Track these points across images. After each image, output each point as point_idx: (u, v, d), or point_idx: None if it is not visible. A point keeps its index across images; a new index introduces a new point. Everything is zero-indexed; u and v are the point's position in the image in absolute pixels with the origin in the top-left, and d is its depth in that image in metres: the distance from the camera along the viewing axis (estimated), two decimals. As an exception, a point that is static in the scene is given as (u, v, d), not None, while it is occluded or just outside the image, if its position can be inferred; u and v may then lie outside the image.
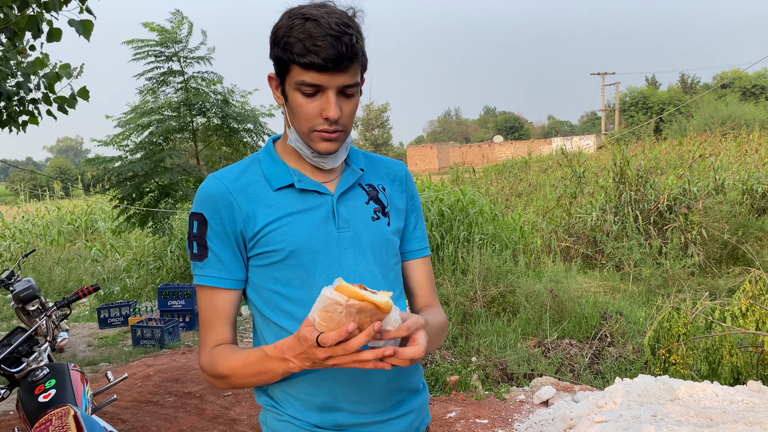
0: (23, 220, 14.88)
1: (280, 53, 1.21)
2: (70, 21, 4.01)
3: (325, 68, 1.17)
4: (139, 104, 8.13)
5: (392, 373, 1.32)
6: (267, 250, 1.29)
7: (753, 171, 10.39)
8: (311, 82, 1.19)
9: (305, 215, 1.30)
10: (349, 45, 1.17)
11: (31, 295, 4.33)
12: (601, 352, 5.39)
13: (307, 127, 1.24)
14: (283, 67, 1.23)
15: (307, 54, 1.16)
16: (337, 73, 1.19)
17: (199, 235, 1.30)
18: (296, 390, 1.31)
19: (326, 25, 1.16)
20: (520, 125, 67.82)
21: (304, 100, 1.22)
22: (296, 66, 1.19)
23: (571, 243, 8.91)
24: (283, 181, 1.32)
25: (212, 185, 1.30)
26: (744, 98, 40.00)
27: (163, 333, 6.38)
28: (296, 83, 1.21)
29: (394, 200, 1.43)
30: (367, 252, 1.35)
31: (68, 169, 50.80)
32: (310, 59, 1.16)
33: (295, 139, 1.30)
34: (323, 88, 1.20)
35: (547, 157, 23.77)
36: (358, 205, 1.37)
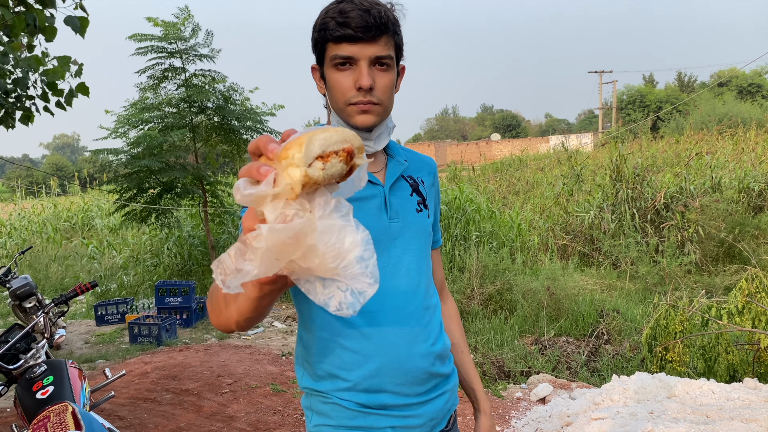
0: (19, 217, 14.84)
1: (317, 36, 1.26)
2: (66, 18, 4.00)
3: (356, 38, 1.22)
4: (139, 100, 8.10)
5: (430, 358, 1.37)
6: None
7: (749, 169, 10.42)
8: (343, 54, 1.23)
9: (362, 204, 1.32)
10: (377, 16, 1.21)
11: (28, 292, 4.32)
12: (598, 349, 5.40)
13: (342, 101, 1.27)
14: (320, 51, 1.28)
15: (338, 28, 1.21)
16: (368, 43, 1.23)
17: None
18: (345, 372, 1.32)
19: (357, 2, 1.22)
20: (517, 123, 67.85)
21: (339, 74, 1.25)
22: (330, 43, 1.24)
23: (568, 241, 8.92)
24: None
25: None
26: (740, 97, 40.09)
27: (161, 330, 6.38)
28: (331, 59, 1.25)
29: (430, 194, 1.48)
30: (413, 243, 1.39)
31: (65, 166, 50.67)
32: (342, 31, 1.21)
33: (336, 122, 1.33)
34: (355, 60, 1.24)
35: (544, 155, 23.78)
36: (404, 197, 1.40)
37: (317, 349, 1.34)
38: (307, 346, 1.36)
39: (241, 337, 6.54)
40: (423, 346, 1.36)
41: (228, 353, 5.84)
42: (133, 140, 7.80)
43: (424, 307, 1.39)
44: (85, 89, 4.68)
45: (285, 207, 0.71)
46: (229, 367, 5.37)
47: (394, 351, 1.32)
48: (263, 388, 4.83)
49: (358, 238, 0.75)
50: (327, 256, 0.73)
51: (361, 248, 0.75)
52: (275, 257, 0.71)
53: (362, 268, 0.75)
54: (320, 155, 0.72)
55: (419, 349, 1.35)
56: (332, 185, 0.77)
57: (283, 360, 5.61)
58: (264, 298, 0.90)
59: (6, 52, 4.00)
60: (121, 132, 7.83)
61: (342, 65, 1.25)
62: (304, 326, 1.37)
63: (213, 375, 5.15)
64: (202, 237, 9.60)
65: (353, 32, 1.21)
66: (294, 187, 0.70)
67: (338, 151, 0.74)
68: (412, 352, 1.33)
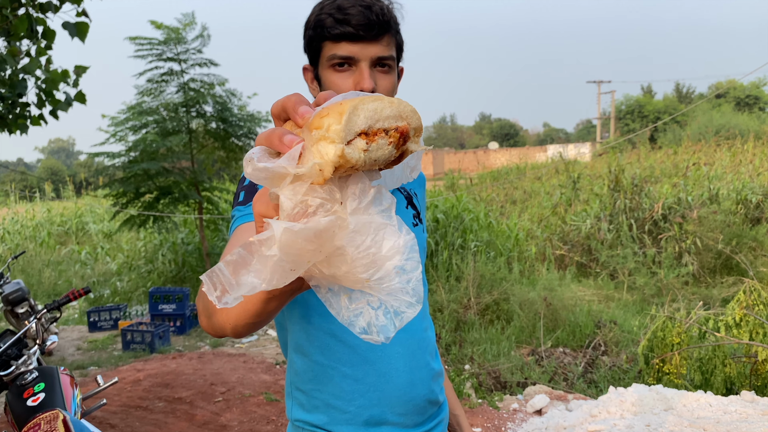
0: (13, 222, 14.76)
1: (311, 33, 1.17)
2: (64, 24, 3.98)
3: (357, 37, 1.13)
4: (136, 104, 8.07)
5: (430, 384, 1.29)
6: None
7: (747, 181, 10.43)
8: (342, 54, 1.14)
9: None
10: (380, 14, 1.13)
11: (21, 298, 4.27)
12: (595, 360, 5.37)
13: None
14: (315, 49, 1.19)
15: (337, 25, 1.13)
16: (370, 42, 1.14)
17: (251, 185, 1.14)
18: (343, 402, 1.20)
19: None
20: (515, 132, 68.05)
21: (337, 76, 1.16)
22: (328, 42, 1.15)
23: (565, 251, 8.90)
24: None
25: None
26: (738, 108, 40.28)
27: (154, 337, 6.33)
28: (328, 59, 1.16)
29: (421, 207, 1.42)
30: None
31: (60, 170, 50.54)
32: (341, 29, 1.12)
33: None
34: (355, 60, 1.15)
35: (542, 164, 23.82)
36: (401, 209, 1.32)
37: (313, 375, 1.22)
38: (299, 372, 1.24)
39: (234, 345, 6.49)
40: (424, 370, 1.27)
41: (221, 361, 5.79)
42: (131, 144, 7.77)
43: (423, 328, 1.32)
44: (82, 98, 4.66)
45: (308, 193, 0.54)
46: (223, 375, 5.32)
47: (397, 377, 1.22)
48: (257, 397, 4.78)
49: (401, 242, 0.57)
50: (358, 263, 0.56)
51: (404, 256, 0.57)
52: (290, 267, 0.55)
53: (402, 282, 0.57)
54: (364, 131, 0.54)
55: (420, 375, 1.26)
56: (372, 171, 0.59)
57: (277, 369, 5.56)
58: (271, 302, 0.74)
59: (4, 57, 3.98)
60: (119, 136, 7.80)
61: (340, 66, 1.16)
62: (297, 350, 1.24)
63: (206, 383, 5.10)
64: (196, 243, 9.55)
65: (354, 30, 1.12)
66: (324, 168, 0.53)
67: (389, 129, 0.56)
68: (414, 379, 1.24)
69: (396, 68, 1.23)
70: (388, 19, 1.15)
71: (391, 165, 0.60)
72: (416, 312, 0.60)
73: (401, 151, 0.58)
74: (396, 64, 1.22)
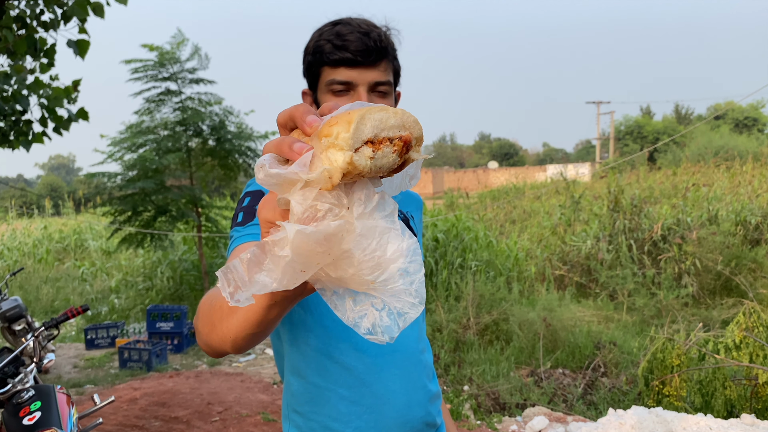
0: (11, 238, 14.75)
1: (311, 59, 1.19)
2: (68, 42, 4.02)
3: (355, 62, 1.15)
4: (134, 123, 8.12)
5: (427, 406, 1.29)
6: None
7: (746, 202, 10.44)
8: (341, 79, 1.17)
9: None
10: (377, 40, 1.16)
11: (18, 315, 4.26)
12: (595, 382, 5.34)
13: None
14: (314, 74, 1.21)
15: (336, 51, 1.15)
16: (367, 67, 1.17)
17: (250, 206, 1.16)
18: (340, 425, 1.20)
19: (355, 24, 1.17)
20: (515, 151, 68.33)
21: (336, 100, 1.18)
22: (326, 67, 1.17)
23: (565, 271, 8.89)
24: None
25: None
26: (737, 129, 40.49)
27: (151, 355, 6.29)
28: (326, 84, 1.18)
29: (418, 229, 1.44)
30: None
31: (59, 187, 50.60)
32: (340, 55, 1.15)
33: None
34: (354, 85, 1.17)
35: (541, 183, 23.87)
36: None
37: (310, 397, 1.22)
38: (296, 394, 1.24)
39: (232, 364, 6.45)
40: (421, 392, 1.27)
41: (218, 380, 5.75)
42: (128, 163, 7.80)
43: (420, 350, 1.32)
44: (84, 114, 4.69)
45: (318, 198, 0.57)
46: (220, 394, 5.29)
47: (394, 399, 1.22)
48: (254, 417, 4.74)
49: (404, 245, 0.60)
50: (364, 265, 0.59)
51: (407, 259, 0.60)
52: (301, 268, 0.58)
53: (406, 284, 0.61)
54: (371, 139, 0.58)
55: (417, 397, 1.26)
56: (375, 179, 0.63)
57: (275, 388, 5.52)
58: (274, 308, 0.74)
59: (9, 74, 4.01)
60: (117, 156, 7.84)
61: (339, 91, 1.18)
62: (294, 372, 1.24)
63: (203, 402, 5.06)
64: (194, 261, 9.54)
65: (352, 56, 1.15)
66: (333, 175, 0.56)
67: (393, 138, 0.59)
68: (411, 401, 1.24)
69: (393, 93, 1.24)
70: (386, 45, 1.18)
71: (393, 173, 0.63)
72: (419, 312, 0.62)
73: (404, 160, 0.62)
74: (393, 89, 1.24)
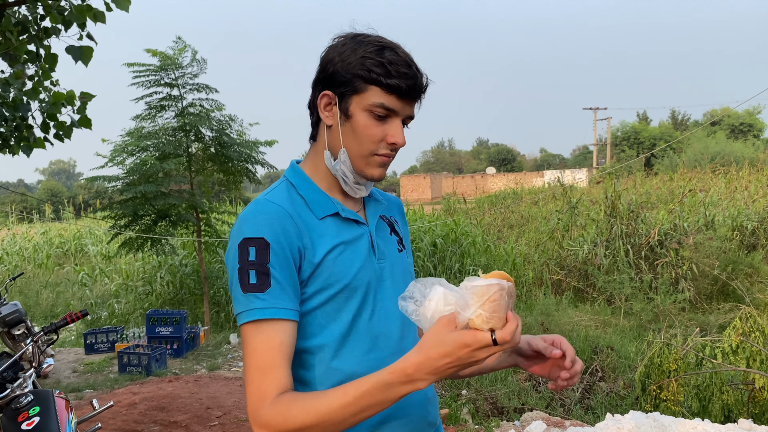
0: (11, 243, 14.75)
1: (358, 71, 1.20)
2: (67, 48, 4.05)
3: (406, 95, 1.21)
4: (135, 129, 8.13)
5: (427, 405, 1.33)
6: (324, 286, 1.21)
7: (742, 208, 10.49)
8: (389, 106, 1.21)
9: (354, 245, 1.27)
10: (425, 82, 1.24)
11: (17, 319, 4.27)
12: (592, 387, 5.35)
13: (369, 149, 1.23)
14: (353, 86, 1.22)
15: (392, 77, 1.18)
16: (410, 102, 1.23)
17: (260, 262, 1.14)
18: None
19: (404, 55, 1.21)
20: (512, 157, 68.47)
21: (374, 123, 1.22)
22: (377, 87, 1.20)
23: (562, 276, 8.92)
24: (327, 210, 1.27)
25: (272, 208, 1.19)
26: (732, 135, 40.61)
27: (150, 360, 6.30)
28: (372, 104, 1.21)
29: (403, 233, 1.46)
30: (400, 283, 1.34)
31: (60, 192, 50.58)
32: (396, 82, 1.19)
33: (342, 162, 1.27)
34: (395, 114, 1.22)
35: (539, 189, 23.91)
36: (385, 236, 1.37)
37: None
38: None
39: (231, 369, 6.46)
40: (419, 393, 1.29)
41: (218, 385, 5.76)
42: (129, 167, 7.81)
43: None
44: (87, 122, 4.71)
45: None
46: (219, 399, 5.30)
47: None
48: (253, 422, 4.74)
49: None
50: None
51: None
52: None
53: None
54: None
55: (417, 397, 1.29)
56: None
57: (274, 392, 5.52)
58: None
59: (8, 80, 4.04)
60: (118, 160, 7.84)
61: (380, 116, 1.22)
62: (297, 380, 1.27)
63: (202, 407, 5.07)
64: (194, 266, 9.55)
65: (407, 89, 1.20)
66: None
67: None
68: (411, 400, 1.26)
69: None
70: (426, 87, 1.26)
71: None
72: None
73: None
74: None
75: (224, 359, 6.87)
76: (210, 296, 8.63)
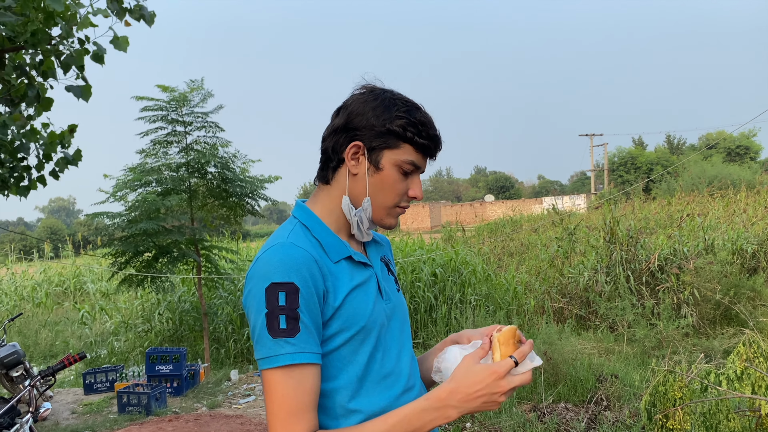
0: (10, 282, 14.70)
1: (395, 128, 1.27)
2: (67, 86, 4.10)
3: (431, 154, 1.33)
4: (138, 164, 8.16)
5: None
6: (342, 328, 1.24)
7: (741, 231, 10.49)
8: (417, 163, 1.31)
9: (365, 288, 1.31)
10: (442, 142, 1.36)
11: (15, 361, 4.24)
12: (598, 416, 5.29)
13: (393, 201, 1.32)
14: (386, 141, 1.29)
15: (424, 138, 1.29)
16: (431, 160, 1.35)
17: (290, 307, 1.16)
18: None
19: (429, 116, 1.32)
20: (510, 184, 68.73)
21: (401, 177, 1.31)
22: (410, 146, 1.30)
23: (564, 303, 8.87)
24: (342, 254, 1.30)
25: (298, 253, 1.21)
26: (729, 158, 40.83)
27: (150, 399, 6.22)
28: (403, 161, 1.30)
29: (395, 271, 1.52)
30: (404, 322, 1.42)
31: (59, 230, 50.61)
32: (427, 143, 1.29)
33: (363, 209, 1.31)
34: (418, 170, 1.33)
35: (538, 216, 23.94)
36: (386, 277, 1.43)
37: None
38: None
39: (232, 406, 6.38)
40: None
41: (218, 423, 5.68)
42: (131, 204, 7.83)
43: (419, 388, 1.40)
44: (77, 155, 4.75)
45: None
46: (220, 437, 5.22)
47: None
48: (254, 461, 4.67)
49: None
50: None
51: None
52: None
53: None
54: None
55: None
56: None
57: (276, 430, 5.45)
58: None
59: (6, 123, 4.08)
60: (120, 196, 7.86)
61: (407, 171, 1.31)
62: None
63: (203, 446, 4.99)
64: (194, 302, 9.50)
65: (434, 150, 1.32)
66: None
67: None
68: None
69: None
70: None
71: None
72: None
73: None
74: None
75: (225, 396, 6.80)
76: (210, 332, 8.57)
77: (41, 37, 3.64)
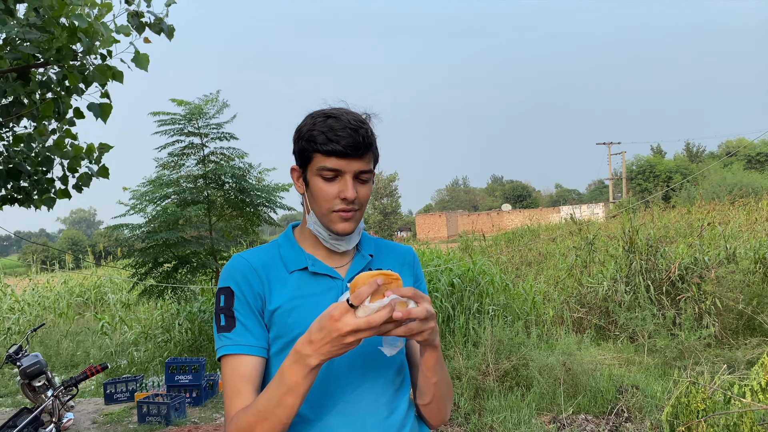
0: (33, 293, 14.91)
1: (304, 144, 1.37)
2: (89, 105, 4.18)
3: (344, 154, 1.34)
4: (156, 177, 8.27)
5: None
6: (279, 333, 1.36)
7: (764, 239, 10.32)
8: (332, 167, 1.35)
9: (316, 298, 1.39)
10: (364, 136, 1.35)
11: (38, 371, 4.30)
12: (618, 428, 5.23)
13: (326, 208, 1.38)
14: (305, 157, 1.39)
15: (329, 142, 1.33)
16: (354, 159, 1.35)
17: (227, 307, 1.36)
18: None
19: (345, 120, 1.34)
20: (528, 193, 68.35)
21: (324, 184, 1.37)
22: (319, 154, 1.35)
23: (583, 313, 8.79)
24: (298, 264, 1.43)
25: (237, 262, 1.40)
26: (750, 166, 40.26)
27: (170, 409, 6.27)
28: (318, 169, 1.36)
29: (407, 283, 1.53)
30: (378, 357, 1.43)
31: (80, 241, 51.30)
32: (332, 147, 1.33)
33: (314, 222, 1.42)
34: (342, 173, 1.36)
35: (555, 225, 23.78)
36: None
37: None
38: None
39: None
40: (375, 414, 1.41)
41: (237, 433, 5.69)
42: (150, 215, 7.93)
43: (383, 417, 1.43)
44: (105, 172, 4.82)
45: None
46: (239, 448, 5.23)
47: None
48: (273, 471, 4.68)
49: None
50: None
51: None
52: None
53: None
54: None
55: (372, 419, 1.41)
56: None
57: (294, 440, 5.45)
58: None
59: (33, 137, 4.16)
60: (139, 208, 7.96)
61: (328, 177, 1.36)
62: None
63: (222, 457, 5.02)
64: (213, 311, 9.55)
65: (343, 149, 1.33)
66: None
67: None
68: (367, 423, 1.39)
69: (372, 177, 1.44)
70: (370, 141, 1.38)
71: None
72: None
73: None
74: (373, 175, 1.44)
75: (243, 407, 6.82)
76: (228, 342, 8.59)
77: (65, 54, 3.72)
